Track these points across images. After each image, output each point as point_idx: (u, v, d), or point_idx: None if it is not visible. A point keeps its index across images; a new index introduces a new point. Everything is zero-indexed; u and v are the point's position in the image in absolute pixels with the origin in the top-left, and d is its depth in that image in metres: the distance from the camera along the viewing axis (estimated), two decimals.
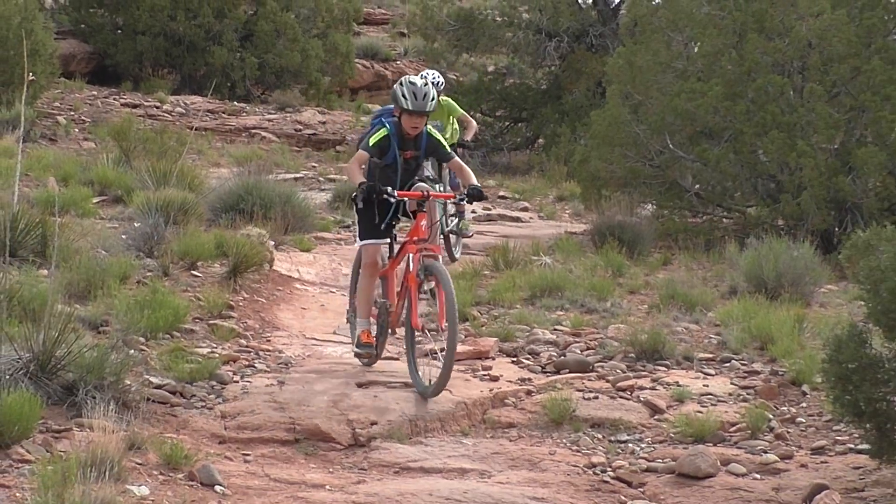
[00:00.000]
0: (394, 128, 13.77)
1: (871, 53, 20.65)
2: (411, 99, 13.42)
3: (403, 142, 13.88)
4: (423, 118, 13.72)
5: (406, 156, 14.00)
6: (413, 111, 13.51)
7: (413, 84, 13.53)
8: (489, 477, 12.29)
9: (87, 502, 9.26)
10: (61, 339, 11.82)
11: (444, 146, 14.21)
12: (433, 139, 14.02)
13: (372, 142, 13.71)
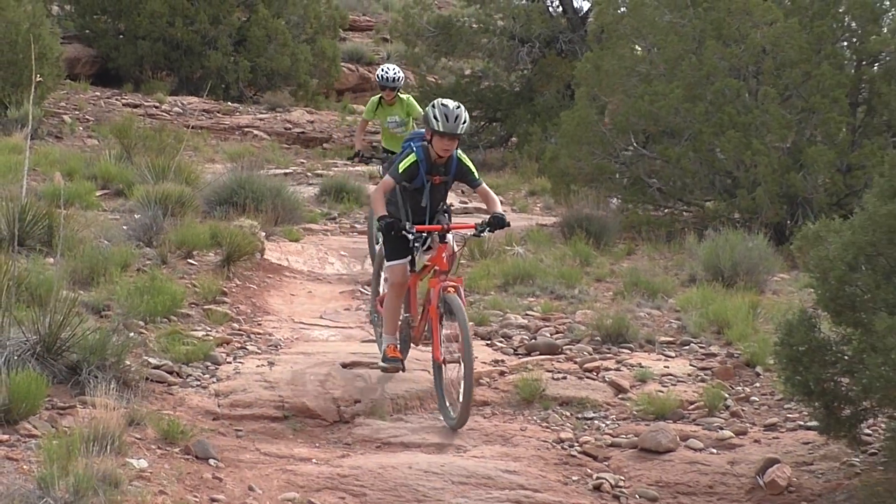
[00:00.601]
0: (422, 153, 12.93)
1: (821, 59, 20.68)
2: (443, 121, 12.51)
3: (432, 166, 13.02)
4: (455, 141, 12.80)
5: (434, 181, 13.14)
6: (444, 133, 12.59)
7: (445, 106, 12.63)
8: (465, 451, 12.32)
9: (90, 474, 9.25)
10: (66, 323, 11.80)
11: (474, 172, 13.27)
12: (463, 164, 13.15)
13: (401, 168, 12.90)
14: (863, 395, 11.59)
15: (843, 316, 11.70)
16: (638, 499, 11.74)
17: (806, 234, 12.75)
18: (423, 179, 12.99)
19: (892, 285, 11.34)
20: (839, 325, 11.84)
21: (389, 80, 18.75)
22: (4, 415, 10.50)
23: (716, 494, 11.87)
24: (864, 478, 11.95)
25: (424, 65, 32.91)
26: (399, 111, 19.02)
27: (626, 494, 11.79)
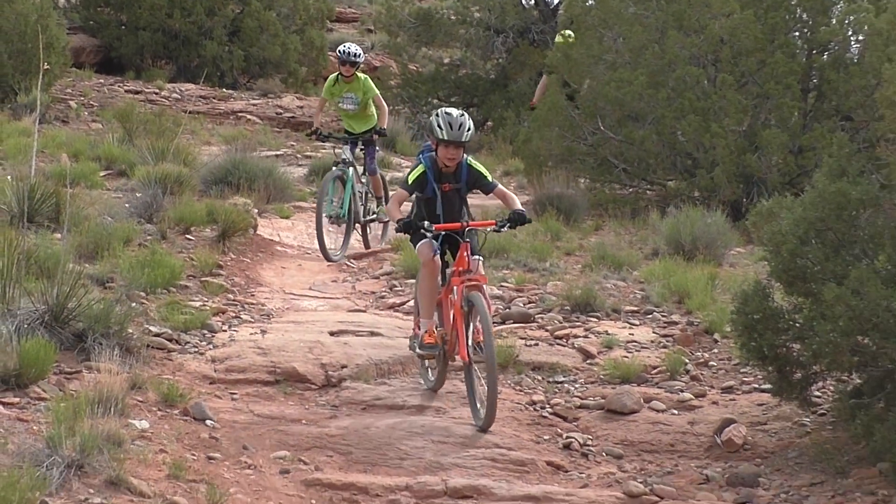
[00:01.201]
0: (430, 163, 12.07)
1: (775, 48, 20.67)
2: (446, 129, 11.69)
3: (441, 175, 12.12)
4: (460, 149, 11.93)
5: (444, 188, 12.17)
6: (449, 141, 11.76)
7: (448, 114, 11.78)
8: (444, 413, 12.33)
9: (95, 435, 9.25)
10: (72, 294, 11.80)
11: (486, 176, 12.30)
12: (474, 170, 12.23)
13: (410, 180, 12.11)
14: (813, 360, 11.63)
15: (795, 286, 11.74)
16: (605, 456, 11.79)
17: (760, 210, 12.79)
18: (433, 189, 12.13)
19: (840, 258, 11.36)
20: (791, 295, 11.88)
21: (351, 54, 18.36)
22: (15, 379, 10.51)
23: (677, 452, 11.92)
24: (814, 436, 12.01)
25: (406, 54, 32.87)
26: (356, 89, 18.40)
27: (593, 452, 11.84)
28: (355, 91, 18.30)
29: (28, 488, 8.23)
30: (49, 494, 8.50)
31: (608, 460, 11.69)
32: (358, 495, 10.62)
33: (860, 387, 11.36)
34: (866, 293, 10.79)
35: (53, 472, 8.73)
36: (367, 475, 10.93)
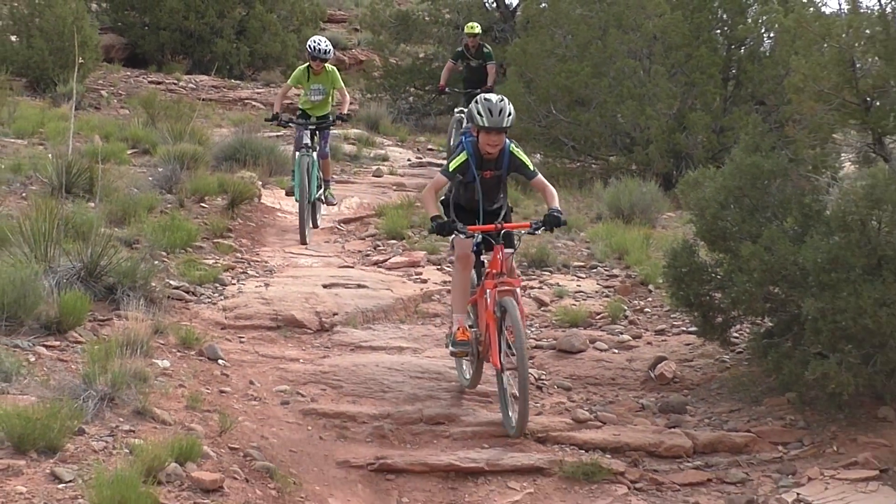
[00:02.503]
0: (472, 148, 10.49)
1: (700, 44, 20.67)
2: (486, 116, 10.16)
3: (483, 162, 10.54)
4: (502, 135, 10.36)
5: (486, 175, 10.61)
6: (490, 128, 10.23)
7: (488, 100, 10.29)
8: (420, 352, 12.34)
9: (124, 372, 9.25)
10: (104, 253, 11.79)
11: (528, 165, 10.71)
12: (516, 158, 10.62)
13: (452, 167, 10.54)
14: (731, 307, 11.67)
15: (716, 244, 11.78)
16: (556, 389, 11.79)
17: (687, 180, 12.77)
18: (473, 174, 10.56)
19: (754, 220, 11.40)
20: (713, 251, 11.92)
21: (321, 51, 17.20)
22: (56, 325, 10.51)
23: (617, 385, 11.95)
24: (733, 371, 12.07)
25: (387, 49, 32.81)
26: (324, 81, 17.33)
27: (546, 385, 11.85)
28: (323, 83, 17.34)
29: (67, 417, 8.23)
30: (85, 422, 8.49)
31: (559, 392, 11.70)
32: (347, 422, 10.63)
33: (771, 329, 11.40)
34: (776, 250, 10.83)
35: (89, 404, 8.72)
36: (355, 405, 10.94)
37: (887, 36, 11.23)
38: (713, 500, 9.99)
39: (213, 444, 8.83)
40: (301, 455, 9.72)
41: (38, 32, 26.59)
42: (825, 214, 11.12)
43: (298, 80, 17.27)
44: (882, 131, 11.72)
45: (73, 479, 7.58)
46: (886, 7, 11.48)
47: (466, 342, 10.74)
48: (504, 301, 10.22)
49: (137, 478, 7.44)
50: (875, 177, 11.10)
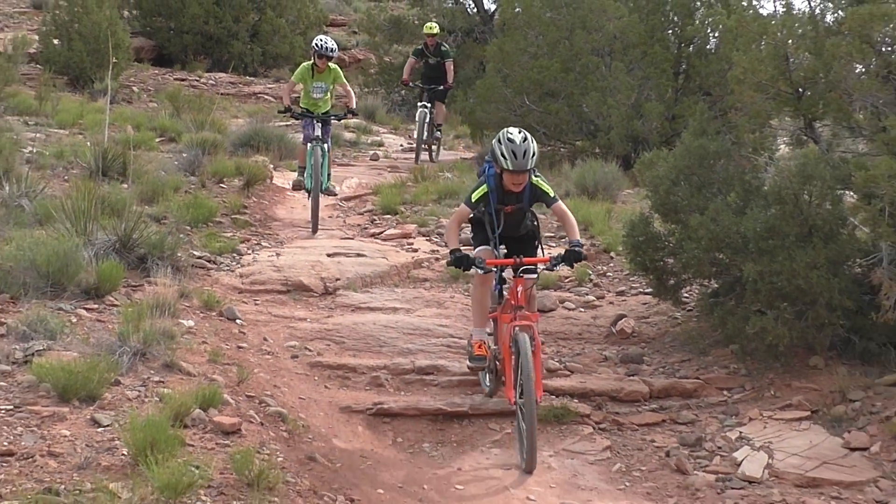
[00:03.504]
0: (493, 183, 9.39)
1: (654, 42, 20.67)
2: (511, 159, 9.01)
3: (504, 196, 9.46)
4: (525, 175, 9.22)
5: (506, 210, 9.57)
6: (514, 171, 9.11)
7: (512, 142, 9.06)
8: (413, 312, 12.36)
9: (154, 330, 9.25)
10: (136, 228, 11.78)
11: (549, 193, 9.48)
12: (538, 188, 9.46)
13: (474, 198, 9.42)
14: (682, 271, 11.68)
15: (669, 217, 11.79)
16: None
17: (644, 161, 12.78)
18: (492, 209, 9.49)
19: (701, 195, 11.41)
20: (666, 223, 11.93)
21: (328, 49, 16.22)
22: (94, 291, 10.51)
23: (584, 339, 11.97)
24: (683, 326, 12.09)
25: (382, 49, 32.76)
26: (326, 78, 16.40)
27: None
28: (325, 80, 16.40)
29: (105, 370, 8.23)
30: (120, 374, 8.50)
31: None
32: (349, 373, 10.67)
33: (717, 289, 11.42)
34: (721, 221, 10.84)
35: (123, 359, 8.73)
36: (355, 358, 10.97)
37: (816, 34, 11.23)
38: (667, 437, 10.04)
39: (232, 393, 8.84)
40: (309, 401, 9.74)
41: (78, 36, 26.55)
42: (763, 190, 11.14)
43: (302, 76, 16.42)
44: (812, 117, 11.72)
45: (111, 424, 7.60)
46: (815, 9, 11.49)
47: (483, 357, 9.79)
48: (518, 337, 8.98)
49: (166, 422, 7.45)
50: (806, 157, 11.12)
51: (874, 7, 10.56)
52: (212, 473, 6.99)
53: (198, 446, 7.53)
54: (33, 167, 15.49)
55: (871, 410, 9.88)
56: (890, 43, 10.82)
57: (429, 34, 23.15)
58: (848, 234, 10.71)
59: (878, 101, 10.76)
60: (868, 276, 10.38)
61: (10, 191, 13.16)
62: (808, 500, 8.91)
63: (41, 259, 10.30)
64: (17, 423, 7.48)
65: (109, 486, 6.59)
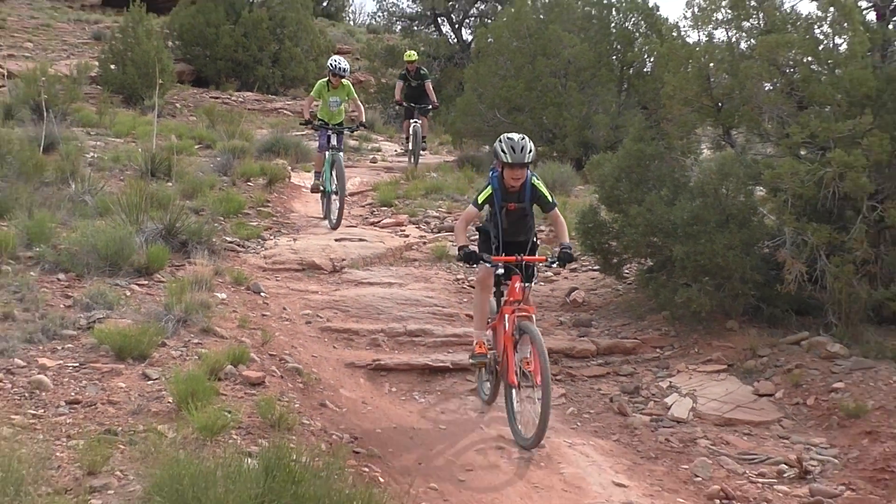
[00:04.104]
0: (497, 183, 8.78)
1: (601, 66, 20.67)
2: (510, 153, 8.51)
3: (507, 195, 8.80)
4: (524, 169, 8.63)
5: (510, 207, 8.86)
6: (513, 164, 8.53)
7: (510, 139, 8.63)
8: (404, 286, 12.35)
9: (193, 302, 9.25)
10: (179, 218, 11.74)
11: (547, 197, 8.87)
12: (537, 190, 8.84)
13: (480, 200, 8.82)
14: (623, 251, 11.73)
15: (613, 207, 11.83)
16: None
17: (592, 162, 12.83)
18: (497, 208, 8.84)
19: (639, 190, 11.46)
20: (611, 212, 11.97)
21: (340, 68, 15.68)
22: (145, 270, 10.48)
23: (543, 307, 11.98)
24: (624, 297, 12.13)
25: (379, 72, 32.64)
26: (340, 93, 15.79)
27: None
28: (339, 95, 15.80)
29: (153, 334, 8.24)
30: (166, 338, 8.50)
31: None
32: (353, 336, 10.67)
33: (652, 266, 11.47)
34: (655, 211, 10.88)
35: (169, 325, 8.73)
36: (358, 324, 10.97)
37: (733, 58, 11.26)
38: (611, 386, 10.10)
39: (257, 352, 8.85)
40: (320, 359, 9.76)
41: (131, 62, 26.44)
42: (689, 185, 11.19)
43: (319, 92, 15.82)
44: (729, 126, 11.77)
45: (158, 378, 7.61)
46: (732, 38, 11.51)
47: (483, 355, 9.04)
48: (524, 324, 8.46)
49: (204, 376, 7.47)
50: (724, 158, 11.21)
51: (779, 36, 10.61)
52: (241, 417, 7.02)
53: (229, 395, 7.56)
54: (95, 169, 15.44)
55: (776, 364, 9.96)
56: (792, 65, 10.86)
57: (409, 61, 22.58)
58: (758, 221, 10.80)
59: (782, 113, 10.81)
60: (774, 255, 10.45)
61: (75, 189, 13.15)
62: (725, 437, 8.99)
63: (101, 244, 10.30)
64: (82, 377, 7.51)
65: (158, 428, 6.62)
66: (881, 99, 10.08)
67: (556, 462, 8.07)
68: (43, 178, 13.44)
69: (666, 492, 7.79)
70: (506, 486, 7.53)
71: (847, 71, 10.15)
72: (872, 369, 9.51)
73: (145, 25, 27.08)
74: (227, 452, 5.65)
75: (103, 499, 5.55)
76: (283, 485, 4.76)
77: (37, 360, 7.67)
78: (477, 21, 33.31)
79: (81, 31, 34.26)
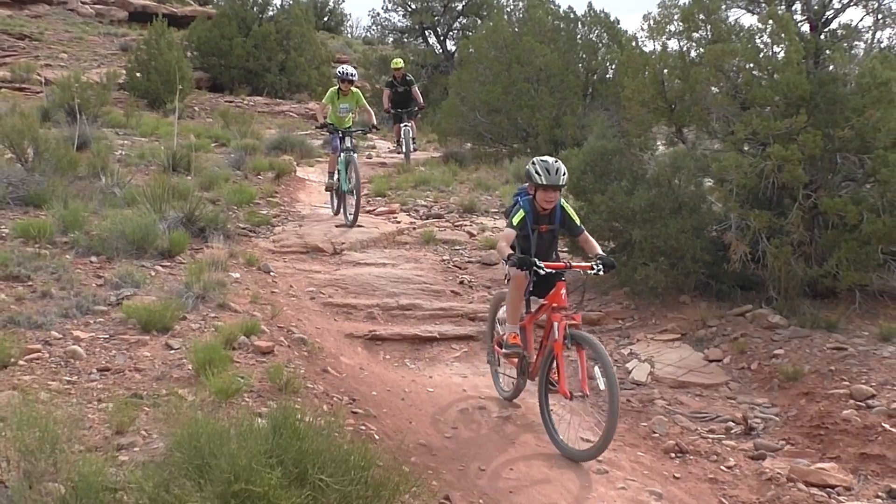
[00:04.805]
0: (528, 206, 7.81)
1: (569, 73, 20.57)
2: (544, 175, 7.56)
3: (538, 217, 7.84)
4: (557, 192, 7.67)
5: (541, 230, 7.90)
6: (547, 185, 7.57)
7: (545, 161, 7.68)
8: (397, 266, 12.28)
9: (211, 280, 9.21)
10: (197, 207, 11.67)
11: (575, 220, 7.96)
12: (566, 213, 7.93)
13: (515, 222, 7.75)
14: None
15: (579, 196, 11.76)
16: (481, 287, 11.78)
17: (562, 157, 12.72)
18: (529, 230, 7.83)
19: (602, 181, 11.40)
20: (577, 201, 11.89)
21: (349, 74, 15.03)
22: (167, 253, 10.41)
23: None
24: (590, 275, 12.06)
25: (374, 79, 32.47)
26: (350, 100, 15.06)
27: (475, 285, 11.83)
28: (349, 102, 15.03)
29: (175, 309, 8.19)
30: (187, 312, 8.45)
31: (483, 289, 11.69)
32: (351, 310, 10.61)
33: (614, 248, 11.42)
34: (616, 199, 10.84)
35: (189, 301, 8.68)
36: (356, 299, 10.91)
37: (684, 65, 11.21)
38: None
39: (267, 325, 8.79)
40: (322, 330, 9.70)
41: (154, 71, 26.31)
42: (646, 177, 11.14)
43: (331, 98, 15.08)
44: (681, 125, 11.72)
45: (180, 347, 7.56)
46: (683, 48, 11.45)
47: (518, 345, 8.03)
48: (579, 334, 7.36)
49: (220, 345, 7.43)
50: (677, 153, 11.17)
51: (725, 46, 10.56)
52: (253, 382, 6.96)
53: (242, 363, 7.50)
54: (122, 165, 15.32)
55: (723, 333, 9.95)
56: (736, 71, 10.82)
57: (395, 68, 22.04)
58: (706, 208, 10.77)
59: (728, 113, 10.77)
60: (721, 238, 10.43)
61: (105, 182, 13.05)
62: (679, 397, 8.97)
63: (129, 230, 10.24)
64: (112, 347, 7.44)
65: (179, 392, 6.57)
66: (814, 100, 10.05)
67: (530, 420, 8.03)
68: (77, 173, 13.33)
69: (627, 446, 7.77)
70: (486, 442, 7.50)
71: (784, 76, 10.11)
72: (808, 337, 9.51)
73: (167, 38, 26.96)
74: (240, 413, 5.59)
75: (130, 455, 5.49)
76: (289, 441, 4.70)
77: (72, 333, 7.61)
78: (460, 33, 33.13)
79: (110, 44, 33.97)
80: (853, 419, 7.93)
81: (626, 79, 11.92)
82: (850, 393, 8.35)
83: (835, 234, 9.94)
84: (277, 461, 4.57)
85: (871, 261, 9.74)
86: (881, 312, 10.02)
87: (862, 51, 11.38)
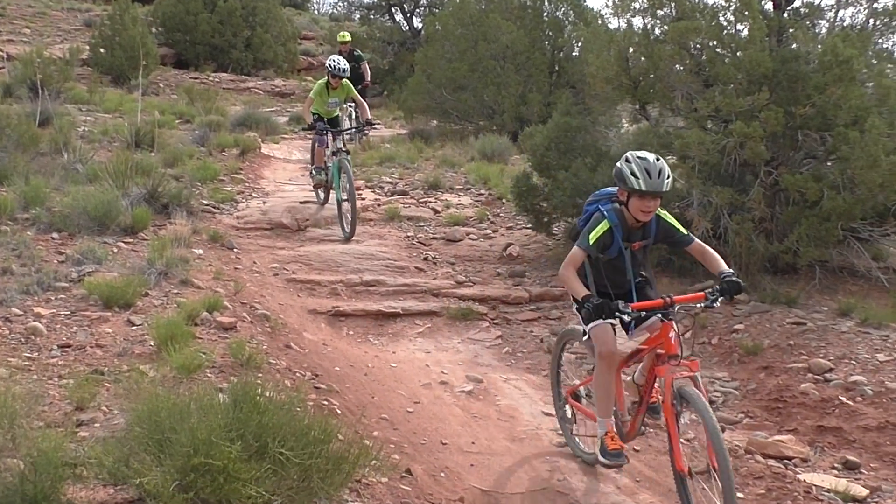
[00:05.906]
0: (616, 217, 5.75)
1: (535, 51, 20.54)
2: (644, 178, 5.52)
3: (629, 232, 5.81)
4: (658, 200, 5.64)
5: (633, 247, 5.88)
6: (647, 192, 5.54)
7: (644, 160, 5.60)
8: (361, 243, 12.26)
9: (173, 257, 9.15)
10: (161, 184, 11.60)
11: (679, 229, 5.86)
12: (664, 223, 5.82)
13: (592, 239, 5.69)
14: (552, 211, 11.73)
15: (543, 173, 11.81)
16: (445, 264, 11.78)
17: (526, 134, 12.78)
18: (619, 247, 5.81)
19: (566, 157, 11.44)
20: (542, 177, 11.94)
21: (341, 69, 13.44)
22: (130, 229, 10.34)
23: (483, 261, 11.96)
24: (553, 251, 12.11)
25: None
26: (340, 94, 13.79)
27: (439, 262, 11.83)
28: (339, 96, 13.77)
29: (137, 285, 8.14)
30: (149, 288, 8.40)
31: (447, 265, 11.70)
32: (315, 286, 10.60)
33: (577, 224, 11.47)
34: (580, 176, 10.87)
35: (151, 277, 8.62)
36: (320, 275, 10.90)
37: (648, 42, 11.22)
38: (541, 329, 10.12)
39: (230, 301, 8.76)
40: (286, 306, 9.68)
41: (118, 46, 26.04)
42: (610, 154, 11.17)
43: (319, 93, 13.68)
44: (645, 102, 11.76)
45: (142, 324, 7.51)
46: (648, 25, 11.48)
47: (621, 452, 5.97)
48: (684, 391, 5.36)
49: (182, 322, 7.39)
50: (640, 130, 11.21)
51: (688, 23, 10.59)
52: (215, 358, 6.93)
53: (205, 339, 7.47)
54: (85, 141, 15.18)
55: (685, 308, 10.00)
56: (700, 49, 10.86)
57: (342, 41, 20.58)
58: None
59: (691, 90, 10.81)
60: (683, 214, 10.48)
61: (68, 158, 12.92)
62: None
63: (91, 207, 10.15)
64: (73, 323, 7.39)
65: (140, 368, 6.53)
66: (776, 78, 10.10)
67: (492, 395, 8.07)
68: (38, 149, 13.19)
69: None
70: (448, 416, 7.53)
71: (747, 54, 10.17)
72: (768, 313, 9.60)
73: (131, 13, 26.69)
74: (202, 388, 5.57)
75: (90, 431, 5.46)
76: (249, 415, 4.69)
77: (32, 309, 7.54)
78: (426, 10, 32.98)
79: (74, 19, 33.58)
80: (811, 392, 8.03)
81: (591, 56, 11.94)
82: (809, 367, 8.45)
83: (795, 211, 10.03)
84: (237, 435, 4.56)
85: (830, 237, 9.84)
86: (840, 288, 10.15)
87: (825, 29, 11.46)
